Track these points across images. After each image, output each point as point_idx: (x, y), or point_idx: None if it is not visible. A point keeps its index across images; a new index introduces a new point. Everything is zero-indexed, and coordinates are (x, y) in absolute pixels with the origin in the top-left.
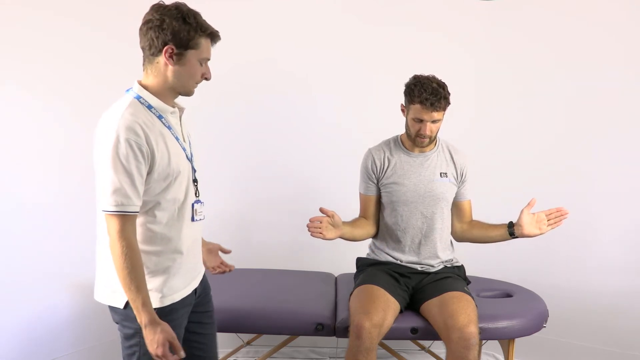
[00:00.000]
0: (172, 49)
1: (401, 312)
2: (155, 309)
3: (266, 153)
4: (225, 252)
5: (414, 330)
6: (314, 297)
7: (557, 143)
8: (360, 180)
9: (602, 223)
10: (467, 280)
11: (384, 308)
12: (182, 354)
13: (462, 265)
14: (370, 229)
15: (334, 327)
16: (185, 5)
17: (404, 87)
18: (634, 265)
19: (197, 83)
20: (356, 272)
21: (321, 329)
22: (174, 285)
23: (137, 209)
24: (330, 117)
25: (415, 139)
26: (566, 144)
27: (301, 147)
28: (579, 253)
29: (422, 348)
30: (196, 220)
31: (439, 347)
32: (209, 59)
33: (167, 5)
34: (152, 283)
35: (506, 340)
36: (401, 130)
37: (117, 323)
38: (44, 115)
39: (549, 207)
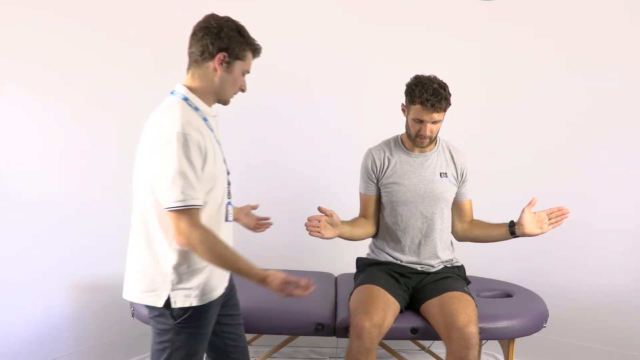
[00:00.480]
0: (224, 57)
1: (401, 312)
2: (193, 307)
3: (267, 153)
4: (254, 207)
5: (414, 330)
6: (314, 297)
7: (557, 143)
8: (360, 180)
9: (602, 223)
10: (467, 280)
11: (384, 308)
12: (304, 281)
13: (462, 265)
14: (369, 228)
15: (334, 327)
16: (234, 19)
17: (405, 87)
18: (634, 265)
19: (234, 93)
20: (356, 272)
21: (321, 329)
22: (213, 283)
23: (202, 203)
24: (330, 118)
25: (415, 140)
26: (567, 144)
27: (302, 147)
28: (579, 253)
29: (422, 348)
30: (229, 220)
31: (439, 347)
32: (249, 72)
33: (223, 17)
34: (194, 282)
35: (506, 340)
36: (401, 130)
37: (150, 318)
38: (44, 114)
39: (549, 207)
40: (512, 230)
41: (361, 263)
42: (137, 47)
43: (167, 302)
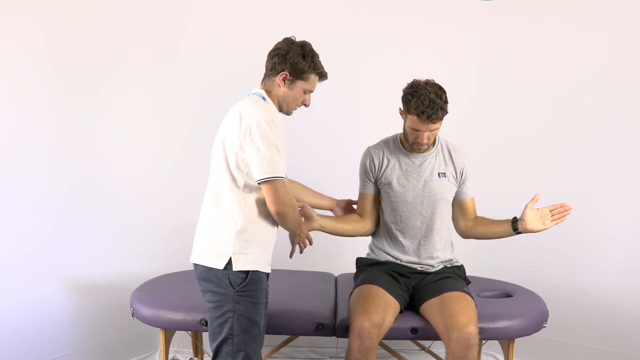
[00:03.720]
0: (287, 75)
1: (401, 312)
2: (250, 272)
3: None
4: (354, 202)
5: (414, 330)
6: (314, 297)
7: (558, 142)
8: (359, 179)
9: (603, 223)
10: (467, 281)
11: (384, 308)
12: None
13: (462, 266)
14: (361, 226)
15: (334, 327)
16: (309, 45)
17: (402, 93)
18: (634, 265)
19: (297, 107)
20: (356, 272)
21: (321, 329)
22: (268, 257)
23: (284, 175)
24: (330, 117)
25: (412, 146)
26: (568, 144)
27: (301, 147)
28: (579, 253)
29: (422, 348)
30: None
31: (439, 347)
32: (312, 91)
33: (296, 42)
34: (253, 250)
35: (506, 340)
36: (400, 129)
37: (207, 292)
38: (42, 113)
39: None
40: (515, 226)
41: (361, 263)
42: (137, 46)
43: (226, 267)
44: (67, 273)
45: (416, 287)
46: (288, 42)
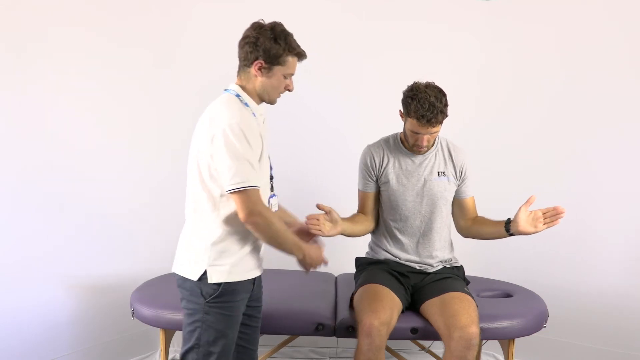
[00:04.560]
0: (262, 64)
1: (403, 311)
2: (222, 284)
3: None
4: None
5: (414, 330)
6: (314, 297)
7: (558, 142)
8: (359, 177)
9: (603, 223)
10: (466, 281)
11: (390, 307)
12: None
13: (461, 266)
14: (368, 224)
15: (334, 327)
16: (280, 26)
17: (402, 95)
18: (633, 265)
19: (280, 94)
20: (356, 272)
21: (321, 329)
22: (245, 265)
23: (259, 184)
24: (330, 117)
25: (412, 148)
26: (567, 144)
27: (301, 147)
28: (579, 253)
29: (422, 348)
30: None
31: (439, 347)
32: (293, 74)
33: (265, 25)
34: (227, 260)
35: (506, 340)
36: (400, 128)
37: (182, 299)
38: (45, 113)
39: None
40: (508, 227)
41: (360, 263)
42: (136, 45)
43: (201, 278)
44: (67, 273)
45: (416, 287)
46: (257, 27)
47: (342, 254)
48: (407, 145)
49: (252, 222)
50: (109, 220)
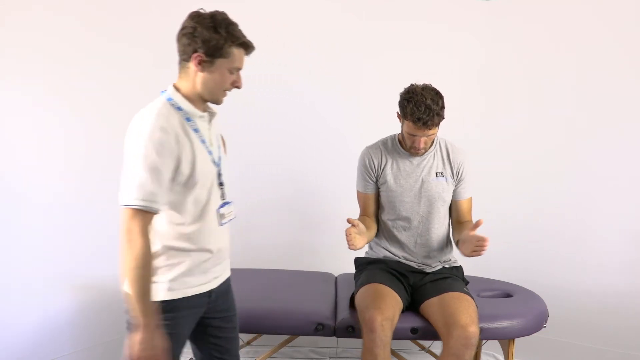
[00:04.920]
0: (201, 57)
1: (403, 311)
2: (161, 302)
3: (266, 153)
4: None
5: (414, 330)
6: (314, 297)
7: (557, 142)
8: (359, 179)
9: (602, 223)
10: (465, 281)
11: (392, 305)
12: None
13: (460, 266)
14: (375, 226)
15: (334, 327)
16: (221, 14)
17: (399, 97)
18: (633, 265)
19: (226, 91)
20: (356, 272)
21: (321, 329)
22: (187, 281)
23: (160, 208)
24: (330, 117)
25: (410, 150)
26: (567, 143)
27: (301, 147)
28: (579, 253)
29: (422, 348)
30: (223, 223)
31: (439, 347)
32: (240, 69)
33: (203, 14)
34: (165, 277)
35: (506, 340)
36: (399, 129)
37: (125, 312)
38: (45, 115)
39: (549, 207)
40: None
41: (360, 263)
42: (136, 45)
43: None
44: (67, 273)
45: (415, 287)
46: (194, 17)
47: (342, 254)
48: (405, 146)
49: (126, 244)
50: (109, 220)
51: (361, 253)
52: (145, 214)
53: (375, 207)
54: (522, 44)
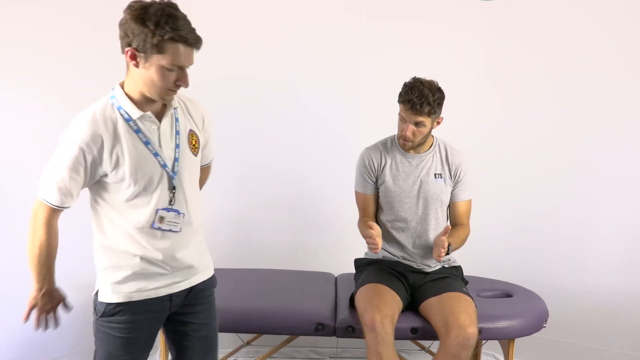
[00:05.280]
0: (134, 52)
1: (402, 310)
2: (108, 304)
3: (266, 153)
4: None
5: (414, 330)
6: (314, 297)
7: (557, 142)
8: (358, 180)
9: (602, 223)
10: (464, 281)
11: (392, 304)
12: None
13: (459, 266)
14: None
15: (334, 327)
16: (160, 5)
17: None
18: (633, 265)
19: (169, 89)
20: (355, 272)
21: (321, 329)
22: (136, 284)
23: (68, 205)
24: (330, 117)
25: (398, 140)
26: (567, 143)
27: (301, 147)
28: (579, 253)
29: (422, 348)
30: (164, 230)
31: None
32: (183, 66)
33: (135, 5)
34: (112, 278)
35: (506, 340)
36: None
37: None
38: (45, 116)
39: (549, 207)
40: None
41: (360, 263)
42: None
43: (97, 292)
44: (67, 273)
45: (415, 286)
46: (127, 7)
47: (342, 254)
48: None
49: (30, 226)
50: None
51: (361, 253)
52: (50, 208)
53: (376, 207)
54: (522, 44)
